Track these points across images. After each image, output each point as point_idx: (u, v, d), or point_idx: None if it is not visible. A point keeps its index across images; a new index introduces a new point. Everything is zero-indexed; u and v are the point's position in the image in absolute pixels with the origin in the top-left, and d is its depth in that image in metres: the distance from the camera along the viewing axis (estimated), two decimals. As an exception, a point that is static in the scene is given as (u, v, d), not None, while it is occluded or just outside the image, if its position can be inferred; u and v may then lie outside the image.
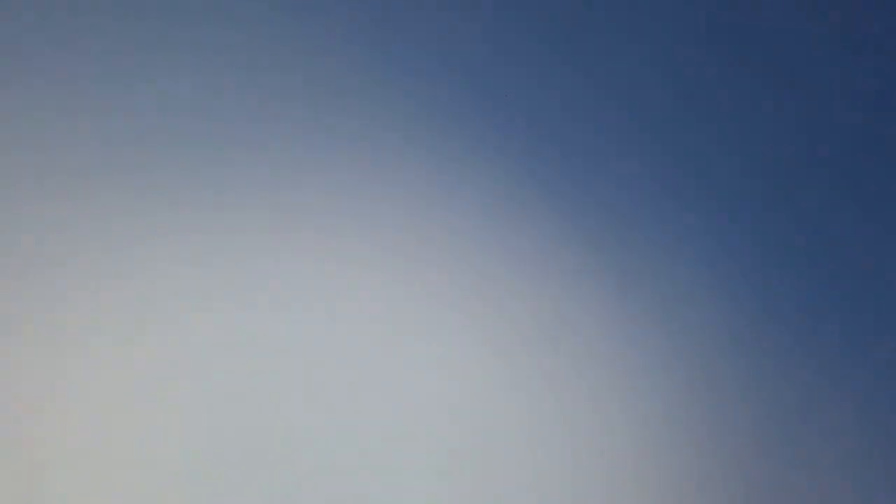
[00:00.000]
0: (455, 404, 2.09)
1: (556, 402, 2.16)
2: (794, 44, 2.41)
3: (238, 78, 2.04)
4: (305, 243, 2.04)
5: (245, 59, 2.05)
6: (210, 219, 1.98)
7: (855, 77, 2.44)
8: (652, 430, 2.22)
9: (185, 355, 1.94)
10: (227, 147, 2.02)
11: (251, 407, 1.97)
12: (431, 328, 2.10)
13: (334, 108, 2.09)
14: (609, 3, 2.31)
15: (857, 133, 2.43)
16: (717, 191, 2.33)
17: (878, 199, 2.42)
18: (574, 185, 2.24)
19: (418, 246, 2.11)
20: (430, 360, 2.09)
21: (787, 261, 2.35)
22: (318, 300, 2.03)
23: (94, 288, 1.90)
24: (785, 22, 2.42)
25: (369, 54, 2.13)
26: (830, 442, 2.32)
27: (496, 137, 2.19)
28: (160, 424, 1.91)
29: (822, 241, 2.38)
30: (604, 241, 2.24)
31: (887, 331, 2.38)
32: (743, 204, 2.34)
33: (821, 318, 2.35)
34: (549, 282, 2.19)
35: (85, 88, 1.94)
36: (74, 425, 1.87)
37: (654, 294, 2.26)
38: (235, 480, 1.94)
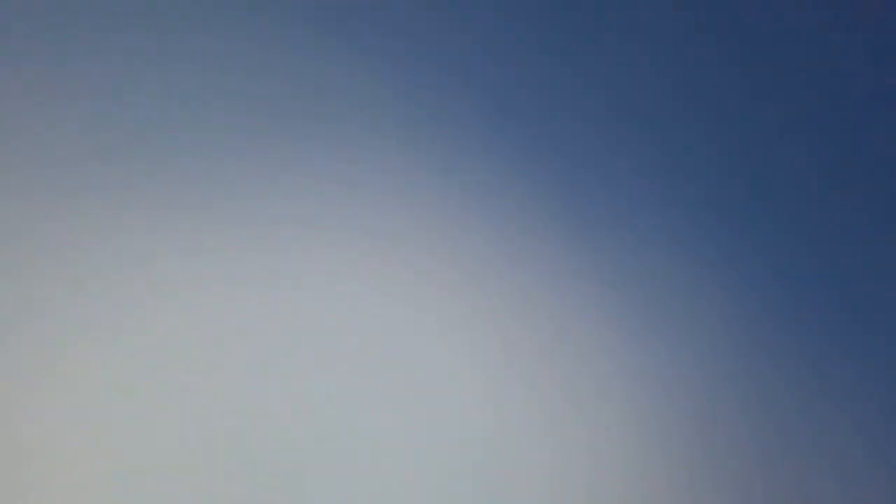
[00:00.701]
0: (453, 405, 2.09)
1: (551, 404, 2.16)
2: (794, 43, 2.41)
3: (231, 85, 2.03)
4: (302, 249, 2.04)
5: (238, 66, 2.04)
6: (206, 224, 1.98)
7: (855, 77, 2.44)
8: (646, 433, 2.21)
9: (184, 359, 1.94)
10: (222, 154, 2.01)
11: (253, 409, 1.97)
12: (429, 329, 2.10)
13: (331, 113, 2.09)
14: (605, 1, 2.30)
15: (856, 133, 2.42)
16: (716, 192, 2.33)
17: (878, 201, 2.41)
18: (573, 186, 2.23)
19: (416, 250, 2.11)
20: (428, 361, 2.09)
21: (786, 263, 2.35)
22: (317, 304, 2.03)
23: (93, 295, 1.90)
24: (783, 21, 2.41)
25: (365, 59, 2.13)
26: (826, 445, 2.32)
27: (492, 139, 2.19)
28: (156, 424, 1.91)
29: (821, 243, 2.37)
30: (601, 242, 2.24)
31: (886, 333, 2.37)
32: (741, 205, 2.34)
33: (819, 321, 2.35)
34: (546, 282, 2.19)
35: (79, 95, 1.94)
36: (74, 424, 1.87)
37: (651, 296, 2.26)
38: (236, 482, 1.94)
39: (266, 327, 2.00)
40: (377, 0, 2.15)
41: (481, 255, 2.16)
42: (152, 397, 1.91)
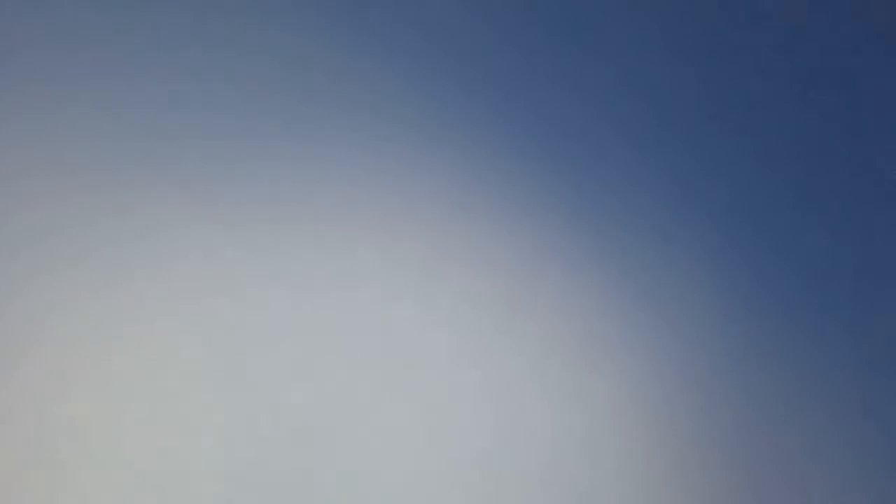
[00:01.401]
0: (453, 403, 2.10)
1: (555, 399, 2.16)
2: (811, 40, 2.40)
3: (246, 76, 2.03)
4: (319, 242, 2.03)
5: (253, 57, 2.03)
6: (220, 214, 1.98)
7: (869, 74, 2.43)
8: (644, 428, 2.22)
9: (192, 353, 1.94)
10: (235, 144, 2.01)
11: (269, 407, 1.97)
12: (434, 324, 2.10)
13: (347, 104, 2.08)
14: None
15: (868, 132, 2.42)
16: (723, 188, 2.32)
17: (883, 200, 2.41)
18: (581, 180, 2.23)
19: (425, 245, 2.11)
20: (433, 356, 2.09)
21: (790, 260, 2.35)
22: (333, 301, 2.03)
23: (102, 284, 1.90)
24: (802, 18, 2.40)
25: (379, 51, 2.12)
26: (821, 444, 2.32)
27: (501, 134, 2.18)
28: (166, 425, 1.92)
29: (826, 240, 2.37)
30: (607, 236, 2.23)
31: (880, 333, 2.37)
32: (746, 201, 2.34)
33: (816, 319, 2.35)
34: (552, 277, 2.19)
35: (91, 85, 1.94)
36: (88, 421, 1.87)
37: (654, 291, 2.26)
38: (251, 481, 1.94)
39: (282, 324, 2.00)
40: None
41: (490, 253, 2.15)
42: (159, 398, 1.91)
